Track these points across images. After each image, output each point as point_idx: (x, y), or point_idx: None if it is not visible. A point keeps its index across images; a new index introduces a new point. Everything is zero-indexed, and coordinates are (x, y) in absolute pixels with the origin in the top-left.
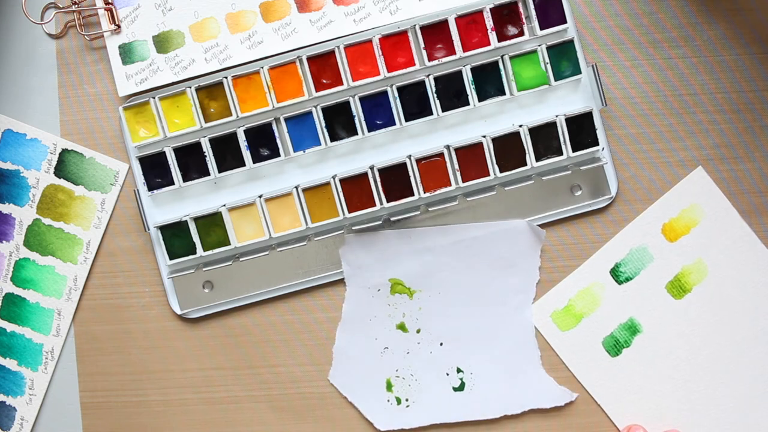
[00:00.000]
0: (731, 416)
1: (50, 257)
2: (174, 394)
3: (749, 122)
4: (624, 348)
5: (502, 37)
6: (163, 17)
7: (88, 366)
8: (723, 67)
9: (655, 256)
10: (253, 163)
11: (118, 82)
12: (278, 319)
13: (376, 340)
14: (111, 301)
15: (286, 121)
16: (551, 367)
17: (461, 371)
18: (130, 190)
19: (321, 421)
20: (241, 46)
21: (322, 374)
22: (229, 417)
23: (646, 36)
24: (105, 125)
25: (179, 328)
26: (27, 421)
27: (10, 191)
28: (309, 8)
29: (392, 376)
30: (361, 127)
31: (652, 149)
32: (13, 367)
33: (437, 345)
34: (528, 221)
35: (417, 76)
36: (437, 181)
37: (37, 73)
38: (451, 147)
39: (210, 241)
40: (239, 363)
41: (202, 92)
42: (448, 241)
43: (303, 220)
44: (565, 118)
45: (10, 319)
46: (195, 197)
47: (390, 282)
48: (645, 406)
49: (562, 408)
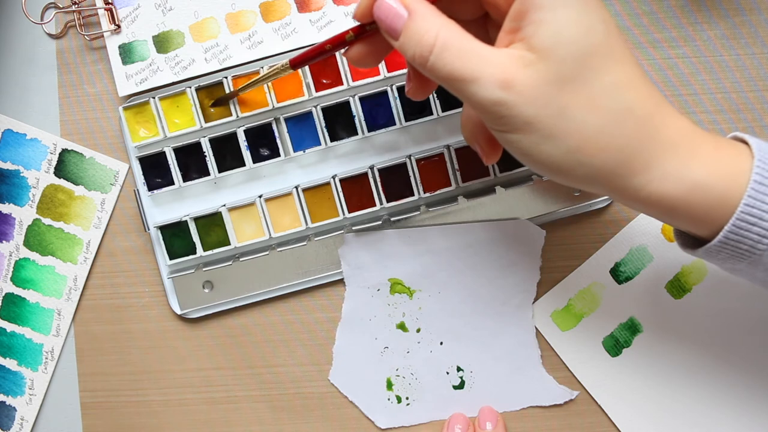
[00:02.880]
0: (732, 416)
1: (50, 257)
2: (174, 394)
3: (749, 122)
4: (624, 348)
5: None
6: (163, 17)
7: (88, 366)
8: (723, 67)
9: (655, 256)
10: (253, 163)
11: (118, 82)
12: (278, 319)
13: (376, 339)
14: (111, 301)
15: (286, 121)
16: (551, 367)
17: (461, 370)
18: (130, 190)
19: (321, 421)
20: (241, 46)
21: (322, 374)
22: (229, 417)
23: (646, 36)
24: (105, 125)
25: (179, 328)
26: (27, 421)
27: (10, 191)
28: (309, 8)
29: (392, 375)
30: (361, 127)
31: None
32: (13, 367)
33: (437, 344)
34: (528, 221)
35: None
36: (437, 181)
37: (37, 73)
38: (451, 147)
39: (210, 241)
40: (239, 363)
41: (202, 92)
42: (448, 240)
43: (303, 220)
44: None
45: (10, 319)
46: (195, 197)
47: (390, 282)
48: (645, 406)
49: (562, 408)
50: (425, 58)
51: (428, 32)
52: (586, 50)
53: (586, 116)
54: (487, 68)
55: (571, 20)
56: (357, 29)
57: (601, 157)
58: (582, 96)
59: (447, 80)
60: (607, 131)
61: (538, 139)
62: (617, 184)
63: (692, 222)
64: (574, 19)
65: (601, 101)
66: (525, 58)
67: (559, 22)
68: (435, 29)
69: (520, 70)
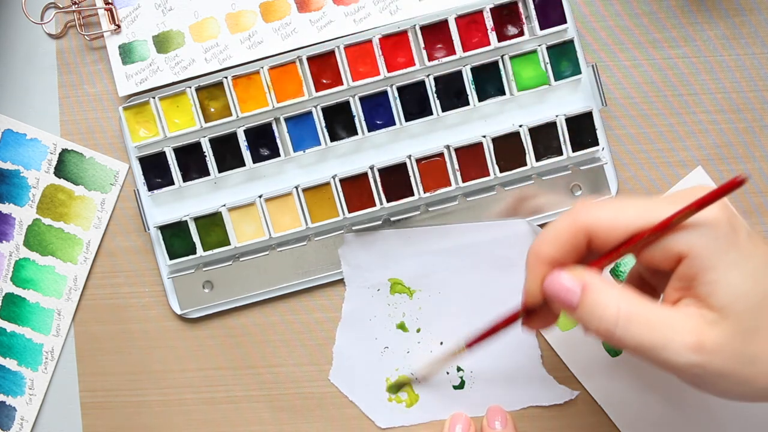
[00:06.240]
0: (732, 416)
1: (50, 257)
2: (174, 394)
3: (749, 122)
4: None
5: (502, 37)
6: (163, 17)
7: (88, 366)
8: (723, 67)
9: None
10: (253, 163)
11: (118, 82)
12: (278, 319)
13: (376, 339)
14: (111, 301)
15: (286, 121)
16: (551, 367)
17: (461, 370)
18: (130, 190)
19: (321, 421)
20: (241, 46)
21: (322, 374)
22: (229, 417)
23: (646, 36)
24: (105, 125)
25: (179, 328)
26: (27, 421)
27: (10, 191)
28: (309, 8)
29: (392, 375)
30: (361, 127)
31: (652, 149)
32: (13, 367)
33: (437, 344)
34: (528, 221)
35: (417, 76)
36: (437, 181)
37: (37, 73)
38: (451, 147)
39: (210, 241)
40: (239, 363)
41: (202, 92)
42: (448, 240)
43: (303, 220)
44: (565, 118)
45: (10, 319)
46: (195, 197)
47: (390, 282)
48: (645, 406)
49: (562, 408)
50: (611, 332)
51: (608, 307)
52: (761, 298)
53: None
54: (676, 335)
55: (740, 275)
56: (527, 306)
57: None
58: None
59: (636, 350)
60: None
61: (732, 385)
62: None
63: None
64: (743, 273)
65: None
66: (707, 317)
67: (730, 281)
68: (615, 302)
69: (707, 330)
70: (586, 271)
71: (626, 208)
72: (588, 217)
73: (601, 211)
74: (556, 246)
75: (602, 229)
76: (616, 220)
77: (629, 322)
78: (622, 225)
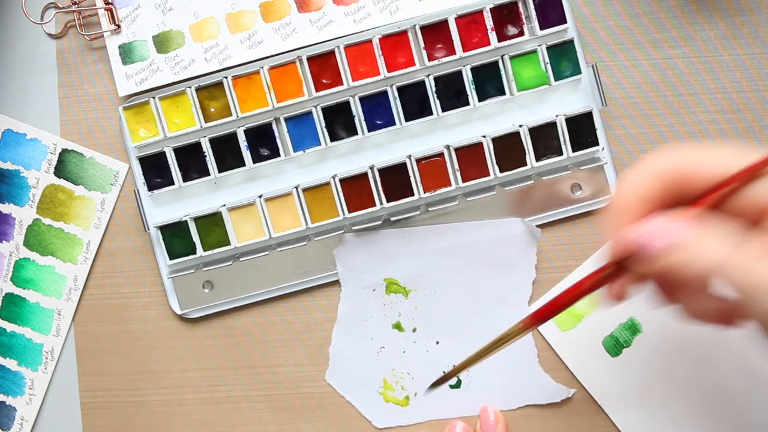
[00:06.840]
0: (731, 416)
1: (50, 257)
2: (174, 394)
3: (749, 122)
4: (624, 348)
5: (502, 37)
6: (163, 17)
7: (88, 366)
8: (723, 67)
9: None
10: (253, 163)
11: (118, 82)
12: (278, 319)
13: (372, 339)
14: (111, 301)
15: (286, 121)
16: (551, 367)
17: None
18: (130, 190)
19: (320, 421)
20: (241, 46)
21: (322, 374)
22: (229, 417)
23: (646, 36)
24: (105, 125)
25: (179, 328)
26: (27, 421)
27: (10, 191)
28: (309, 8)
29: (389, 375)
30: (361, 127)
31: (652, 149)
32: (13, 367)
33: (433, 344)
34: (523, 219)
35: (417, 76)
36: (437, 181)
37: (37, 73)
38: (451, 147)
39: (210, 241)
40: (239, 363)
41: (202, 92)
42: (444, 240)
43: (303, 220)
44: (565, 118)
45: (10, 319)
46: (195, 197)
47: (385, 282)
48: (645, 406)
49: (561, 407)
50: (723, 268)
51: (725, 240)
52: None
53: None
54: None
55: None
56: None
57: None
58: None
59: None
60: None
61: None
62: None
63: None
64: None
65: None
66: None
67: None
68: (730, 236)
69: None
70: (682, 214)
71: (710, 152)
72: (677, 162)
73: (686, 154)
74: (638, 195)
75: (693, 172)
76: (704, 162)
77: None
78: (716, 165)
